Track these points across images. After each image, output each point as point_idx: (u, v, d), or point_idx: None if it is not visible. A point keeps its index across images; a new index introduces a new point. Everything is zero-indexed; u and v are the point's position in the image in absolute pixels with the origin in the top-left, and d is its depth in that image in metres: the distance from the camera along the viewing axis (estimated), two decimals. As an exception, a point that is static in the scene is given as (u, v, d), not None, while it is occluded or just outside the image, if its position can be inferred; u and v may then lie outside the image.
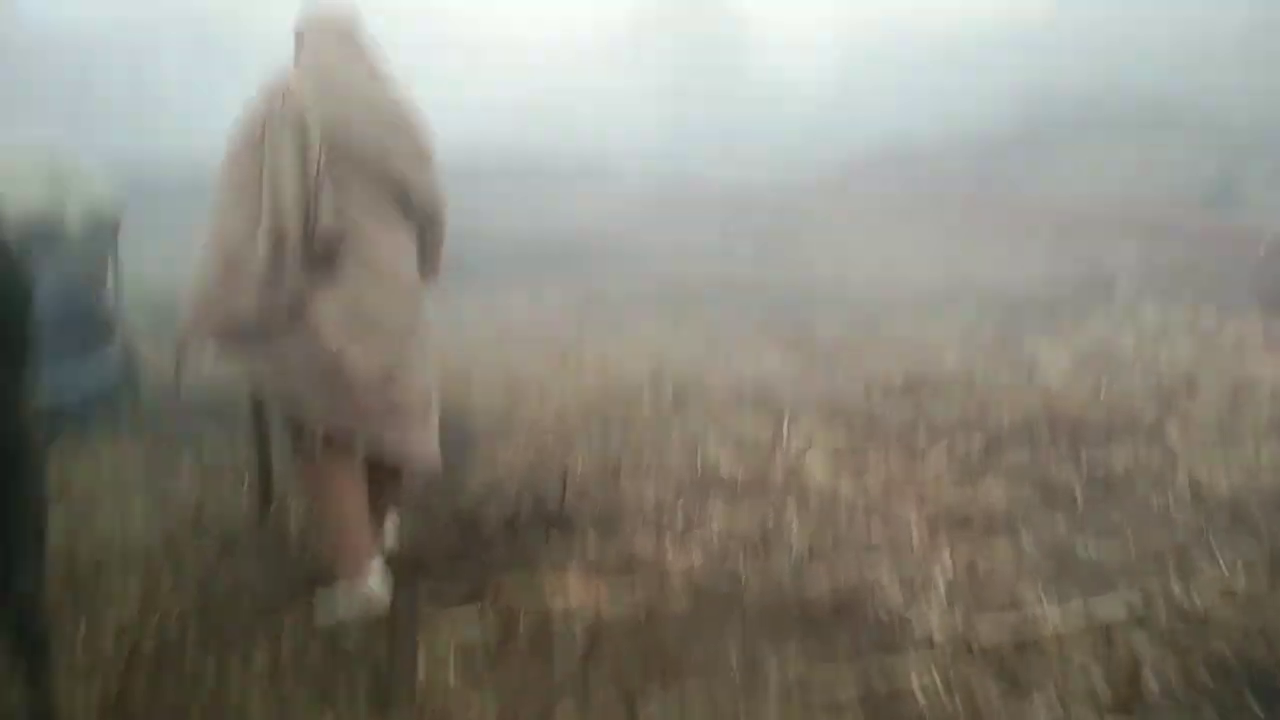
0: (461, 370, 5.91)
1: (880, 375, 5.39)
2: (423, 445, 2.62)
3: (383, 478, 2.66)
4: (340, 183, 2.35)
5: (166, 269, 5.24)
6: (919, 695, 2.27)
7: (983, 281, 8.49)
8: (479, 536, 3.14)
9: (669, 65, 23.85)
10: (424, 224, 2.61)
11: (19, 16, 18.29)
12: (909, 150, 16.03)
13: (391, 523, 2.87)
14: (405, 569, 2.76)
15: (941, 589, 2.80)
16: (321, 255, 2.36)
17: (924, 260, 9.64)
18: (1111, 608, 2.65)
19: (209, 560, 2.91)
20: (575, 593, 2.71)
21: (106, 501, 3.40)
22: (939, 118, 17.05)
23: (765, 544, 3.16)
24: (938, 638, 2.52)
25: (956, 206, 12.36)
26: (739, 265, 10.28)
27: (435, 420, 2.69)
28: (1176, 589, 2.73)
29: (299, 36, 2.56)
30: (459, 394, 5.27)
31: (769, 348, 6.42)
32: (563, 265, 10.27)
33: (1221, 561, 2.91)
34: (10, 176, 4.53)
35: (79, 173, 4.78)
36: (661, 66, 23.86)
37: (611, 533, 3.23)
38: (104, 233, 4.78)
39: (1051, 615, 2.62)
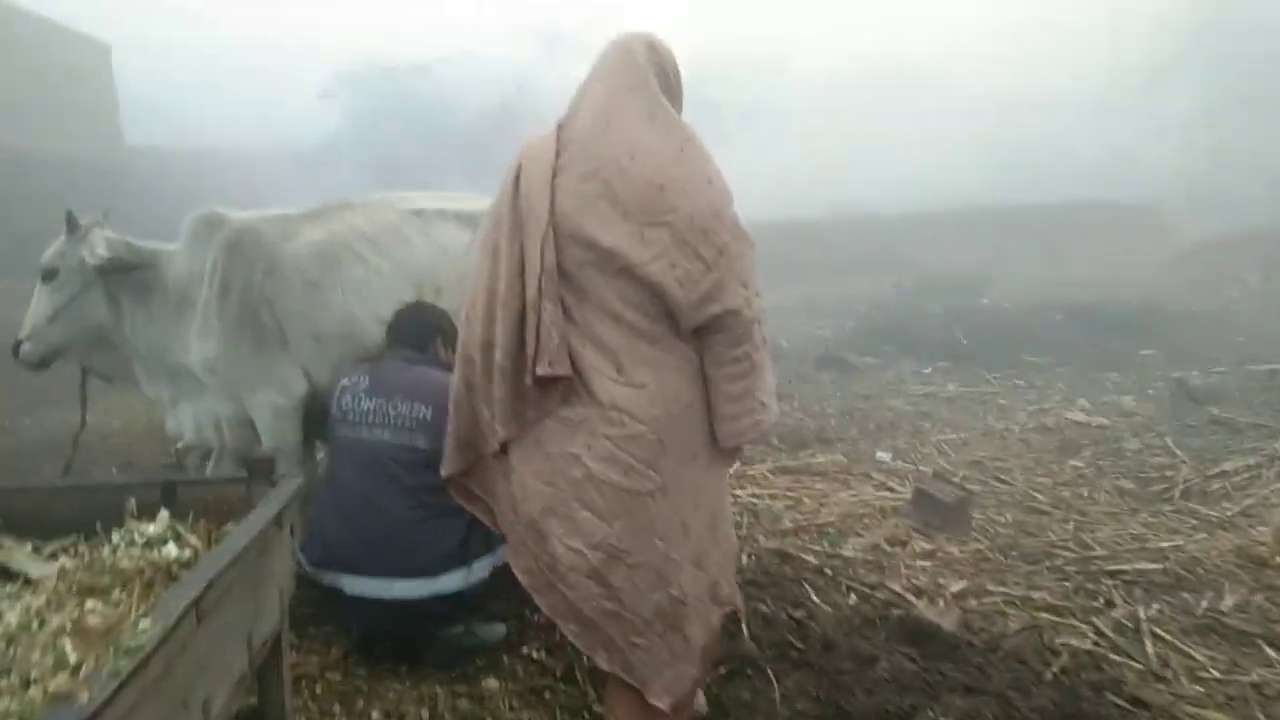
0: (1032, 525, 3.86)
1: None
2: (662, 669, 1.81)
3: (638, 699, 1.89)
4: (576, 289, 1.79)
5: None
6: None
7: None
8: None
9: (1201, 95, 19.55)
10: (710, 333, 1.79)
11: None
12: None
13: None
14: None
15: None
16: (540, 389, 1.82)
17: None
18: None
19: None
20: None
21: None
22: None
23: None
24: None
25: None
26: None
27: (697, 633, 1.85)
28: None
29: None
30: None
31: None
32: (1129, 338, 7.87)
33: None
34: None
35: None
36: (1191, 97, 19.63)
37: None
38: None
39: None
